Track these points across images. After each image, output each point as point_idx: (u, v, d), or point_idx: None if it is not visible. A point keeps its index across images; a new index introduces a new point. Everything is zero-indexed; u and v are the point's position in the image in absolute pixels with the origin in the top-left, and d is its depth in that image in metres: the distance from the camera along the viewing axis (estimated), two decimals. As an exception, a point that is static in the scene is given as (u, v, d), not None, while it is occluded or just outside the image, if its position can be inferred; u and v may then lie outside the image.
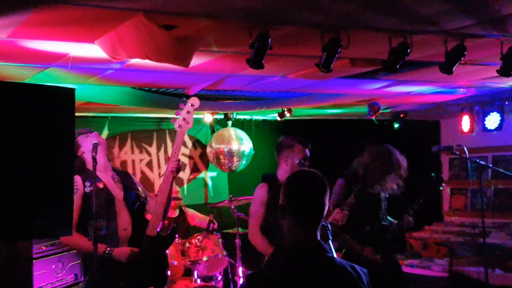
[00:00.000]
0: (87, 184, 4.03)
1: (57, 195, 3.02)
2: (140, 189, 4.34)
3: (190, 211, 6.75)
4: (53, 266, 4.98)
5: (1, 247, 4.06)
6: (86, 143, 4.14)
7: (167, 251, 4.25)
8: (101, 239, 3.89)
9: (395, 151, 4.60)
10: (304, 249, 2.26)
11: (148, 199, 4.29)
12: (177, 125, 4.08)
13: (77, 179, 4.00)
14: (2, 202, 2.84)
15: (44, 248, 4.90)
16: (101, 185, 4.07)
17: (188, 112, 4.10)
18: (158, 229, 4.07)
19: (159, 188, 4.18)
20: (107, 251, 3.90)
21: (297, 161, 4.36)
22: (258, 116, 8.14)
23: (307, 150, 4.46)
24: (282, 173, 4.48)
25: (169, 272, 4.22)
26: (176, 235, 5.72)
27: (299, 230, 2.29)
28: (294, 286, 2.18)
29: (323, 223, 2.43)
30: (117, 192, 4.17)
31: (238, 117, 7.87)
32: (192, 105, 4.12)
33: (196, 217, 6.62)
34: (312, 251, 2.26)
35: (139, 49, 3.45)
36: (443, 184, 4.59)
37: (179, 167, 4.08)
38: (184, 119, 4.08)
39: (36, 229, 2.98)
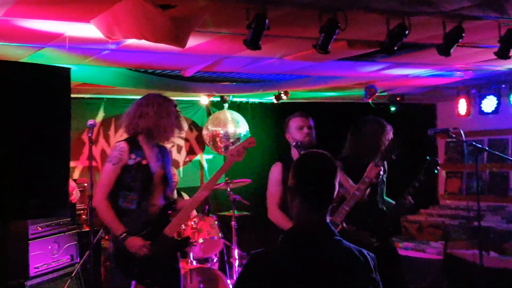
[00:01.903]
0: (132, 156, 3.95)
1: (52, 176, 3.03)
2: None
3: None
4: (49, 247, 4.98)
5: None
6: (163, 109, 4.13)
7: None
8: (128, 214, 3.88)
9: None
10: (312, 231, 2.23)
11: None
12: (229, 154, 4.20)
13: (124, 147, 3.93)
14: (-2, 182, 2.84)
15: (40, 229, 4.89)
16: (144, 162, 3.99)
17: (244, 147, 4.20)
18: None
19: (189, 202, 4.22)
20: (122, 236, 3.83)
21: (294, 144, 4.37)
22: (254, 98, 8.11)
23: (299, 119, 4.48)
24: (294, 152, 4.49)
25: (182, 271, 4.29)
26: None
27: (308, 212, 2.26)
28: (299, 267, 2.16)
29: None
30: (157, 170, 4.08)
31: (234, 99, 7.84)
32: (250, 142, 4.24)
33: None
34: (320, 234, 2.24)
35: (135, 29, 3.42)
36: (438, 167, 4.57)
37: (208, 199, 4.16)
38: (238, 151, 4.17)
39: (31, 209, 2.99)
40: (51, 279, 4.94)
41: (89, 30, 3.66)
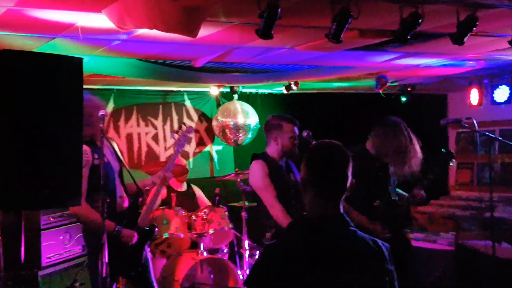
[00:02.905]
0: (96, 156, 4.06)
1: (65, 165, 3.02)
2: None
3: (202, 196, 6.74)
4: (61, 237, 5.00)
5: (9, 218, 4.09)
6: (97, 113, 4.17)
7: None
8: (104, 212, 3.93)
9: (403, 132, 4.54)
10: (325, 222, 2.22)
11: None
12: (176, 147, 4.63)
13: (87, 150, 4.01)
14: (10, 172, 2.84)
15: (52, 219, 4.91)
16: (106, 159, 4.11)
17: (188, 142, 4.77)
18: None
19: (153, 189, 4.50)
20: (116, 230, 4.00)
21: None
22: (264, 89, 8.09)
23: (295, 128, 4.50)
24: (272, 151, 4.54)
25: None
26: (181, 211, 5.81)
27: (321, 203, 2.23)
28: (314, 259, 2.14)
29: None
30: (115, 163, 4.29)
31: (244, 90, 7.82)
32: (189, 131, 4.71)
33: (204, 205, 6.56)
34: (334, 224, 2.22)
35: (147, 19, 3.41)
36: (453, 160, 4.52)
37: (168, 179, 4.48)
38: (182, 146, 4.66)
39: (44, 199, 2.99)
40: (63, 269, 4.97)
41: (100, 20, 3.64)
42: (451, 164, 4.57)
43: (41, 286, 4.68)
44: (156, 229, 4.55)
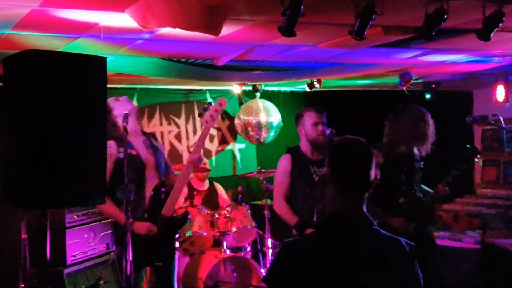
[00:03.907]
0: (121, 150, 4.09)
1: (89, 164, 3.05)
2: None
3: (223, 194, 6.75)
4: (85, 236, 5.04)
5: (35, 217, 4.13)
6: (117, 107, 4.21)
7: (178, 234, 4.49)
8: (130, 204, 3.94)
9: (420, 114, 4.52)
10: (346, 220, 2.20)
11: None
12: (204, 121, 4.30)
13: (112, 144, 4.06)
14: (36, 172, 2.87)
15: (76, 217, 4.95)
16: (133, 152, 4.18)
17: (216, 110, 4.33)
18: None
19: (179, 176, 4.35)
20: (129, 223, 3.98)
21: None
22: (286, 87, 8.06)
23: (316, 114, 4.48)
24: (303, 144, 4.55)
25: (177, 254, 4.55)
26: (204, 209, 5.82)
27: (342, 200, 2.22)
28: (333, 257, 2.12)
29: None
30: (149, 157, 4.29)
31: (266, 88, 7.81)
32: (220, 104, 4.36)
33: (224, 204, 6.57)
34: (355, 223, 2.20)
35: (169, 17, 3.41)
36: (478, 155, 4.46)
37: (200, 159, 4.28)
38: (211, 116, 4.30)
39: (69, 198, 3.02)
40: (87, 267, 5.01)
41: (123, 20, 3.66)
42: (476, 160, 4.51)
43: (66, 284, 4.72)
44: (189, 215, 4.56)
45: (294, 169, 4.46)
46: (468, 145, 4.41)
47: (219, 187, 6.83)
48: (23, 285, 4.84)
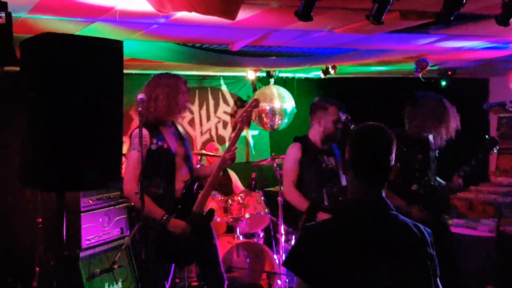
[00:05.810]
0: (154, 141, 4.05)
1: (106, 147, 3.06)
2: None
3: (237, 180, 6.75)
4: (100, 220, 5.07)
5: (51, 200, 4.15)
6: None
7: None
8: (157, 199, 3.95)
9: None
10: (366, 205, 2.19)
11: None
12: (239, 120, 4.16)
13: (146, 134, 3.96)
14: (54, 154, 2.88)
15: (91, 202, 4.97)
16: (165, 145, 4.08)
17: (250, 110, 4.17)
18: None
19: (213, 172, 4.16)
20: (164, 219, 3.94)
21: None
22: (300, 74, 8.02)
23: (341, 113, 4.51)
24: (314, 133, 4.59)
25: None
26: (217, 195, 5.82)
27: (362, 185, 2.21)
28: (354, 242, 2.12)
29: None
30: (179, 149, 4.18)
31: (281, 75, 7.77)
32: (254, 105, 4.20)
33: (238, 190, 6.57)
34: (374, 208, 2.19)
35: (186, 1, 3.39)
36: (497, 146, 4.42)
37: (234, 159, 4.13)
38: (246, 116, 4.14)
39: (86, 181, 3.03)
40: (102, 251, 5.03)
41: (139, 4, 3.65)
42: (494, 151, 4.48)
43: (80, 268, 4.76)
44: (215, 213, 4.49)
45: (305, 158, 4.52)
46: (486, 135, 4.38)
47: (233, 174, 6.84)
48: (38, 268, 4.91)
